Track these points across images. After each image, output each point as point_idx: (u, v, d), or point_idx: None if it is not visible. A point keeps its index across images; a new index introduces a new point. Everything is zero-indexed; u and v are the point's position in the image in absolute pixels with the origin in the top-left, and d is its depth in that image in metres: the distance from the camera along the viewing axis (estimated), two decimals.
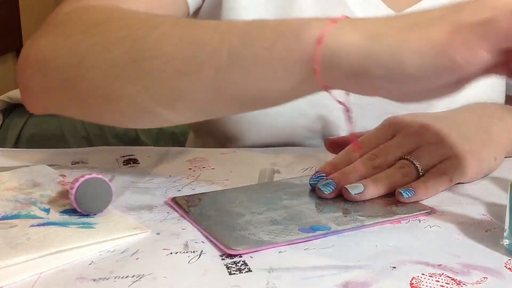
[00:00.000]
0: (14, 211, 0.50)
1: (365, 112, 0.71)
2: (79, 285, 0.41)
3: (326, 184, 0.55)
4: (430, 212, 0.52)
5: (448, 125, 0.60)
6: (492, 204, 0.54)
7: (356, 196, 0.54)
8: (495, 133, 0.62)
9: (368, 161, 0.57)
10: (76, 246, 0.45)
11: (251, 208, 0.52)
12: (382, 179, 0.55)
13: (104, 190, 0.50)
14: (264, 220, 0.50)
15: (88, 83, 0.52)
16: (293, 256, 0.45)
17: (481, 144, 0.60)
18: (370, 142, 0.59)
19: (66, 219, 0.49)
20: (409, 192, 0.54)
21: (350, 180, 0.55)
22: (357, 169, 0.56)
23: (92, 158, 0.66)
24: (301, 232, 0.48)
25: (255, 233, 0.47)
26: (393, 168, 0.56)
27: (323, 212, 0.52)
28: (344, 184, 0.55)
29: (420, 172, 0.56)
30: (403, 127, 0.59)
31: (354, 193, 0.54)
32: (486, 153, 0.60)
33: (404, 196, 0.54)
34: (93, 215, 0.50)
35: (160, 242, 0.47)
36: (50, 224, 0.48)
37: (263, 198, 0.54)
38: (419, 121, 0.59)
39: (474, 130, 0.61)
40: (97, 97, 0.52)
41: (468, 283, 0.41)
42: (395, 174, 0.56)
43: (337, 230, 0.48)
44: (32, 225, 0.48)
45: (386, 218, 0.51)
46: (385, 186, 0.55)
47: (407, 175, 0.56)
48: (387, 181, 0.55)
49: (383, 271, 0.43)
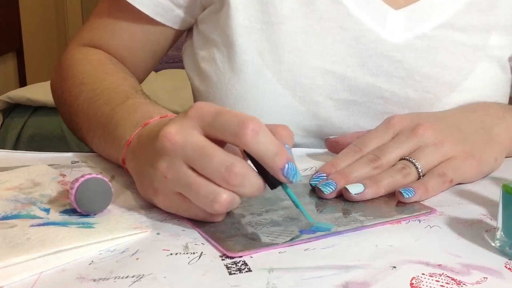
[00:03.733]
0: (14, 211, 0.50)
1: (363, 109, 0.72)
2: (79, 285, 0.41)
3: (326, 184, 0.55)
4: (430, 212, 0.52)
5: (449, 126, 0.60)
6: (492, 204, 0.54)
7: (356, 196, 0.54)
8: (496, 133, 0.62)
9: (369, 161, 0.57)
10: (76, 246, 0.45)
11: (251, 209, 0.52)
12: (382, 179, 0.55)
13: (104, 190, 0.50)
14: (264, 221, 0.50)
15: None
16: (293, 256, 0.45)
17: (482, 144, 0.60)
18: (370, 142, 0.59)
19: (66, 219, 0.49)
20: (410, 192, 0.54)
21: (350, 180, 0.55)
22: (358, 169, 0.56)
23: (92, 158, 0.65)
24: (301, 234, 0.47)
25: (255, 234, 0.47)
26: (393, 169, 0.56)
27: (323, 212, 0.52)
28: (344, 184, 0.55)
29: (421, 172, 0.56)
30: (404, 127, 0.59)
31: (354, 193, 0.54)
32: (486, 154, 0.60)
33: (404, 196, 0.53)
34: (93, 215, 0.50)
35: (160, 243, 0.47)
36: (50, 224, 0.48)
37: (263, 199, 0.54)
38: (419, 121, 0.59)
39: (475, 130, 0.61)
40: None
41: (468, 283, 0.41)
42: (396, 175, 0.56)
43: (338, 231, 0.48)
44: (32, 225, 0.48)
45: (386, 219, 0.51)
46: (386, 186, 0.55)
47: (407, 176, 0.56)
48: (387, 181, 0.55)
49: (383, 271, 0.43)
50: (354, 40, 0.70)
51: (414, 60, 0.71)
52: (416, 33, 0.71)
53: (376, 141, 0.59)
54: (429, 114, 0.63)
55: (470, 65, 0.72)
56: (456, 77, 0.72)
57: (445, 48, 0.71)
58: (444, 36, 0.71)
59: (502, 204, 0.46)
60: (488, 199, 0.56)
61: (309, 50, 0.70)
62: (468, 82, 0.72)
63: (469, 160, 0.58)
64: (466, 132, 0.60)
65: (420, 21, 0.71)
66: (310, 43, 0.70)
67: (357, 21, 0.70)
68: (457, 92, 0.71)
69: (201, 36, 0.76)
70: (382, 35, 0.70)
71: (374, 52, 0.70)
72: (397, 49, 0.70)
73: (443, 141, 0.58)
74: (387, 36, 0.70)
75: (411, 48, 0.70)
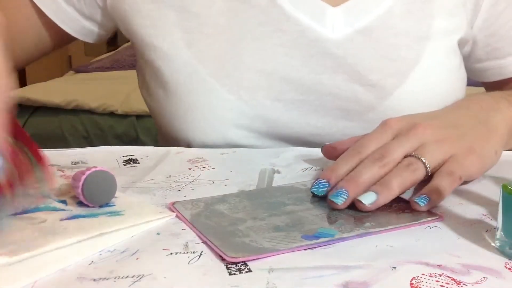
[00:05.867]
0: (32, 205, 0.51)
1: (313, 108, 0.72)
2: (79, 285, 0.41)
3: (338, 194, 0.52)
4: (437, 219, 0.51)
5: (447, 124, 0.60)
6: (492, 204, 0.54)
7: (370, 206, 0.52)
8: (493, 126, 0.62)
9: (374, 161, 0.55)
10: (116, 229, 0.47)
11: (253, 214, 0.51)
12: (392, 181, 0.53)
13: (110, 182, 0.52)
14: (266, 226, 0.49)
15: None
16: (293, 256, 0.45)
17: (482, 139, 0.60)
18: (370, 144, 0.58)
19: (90, 211, 0.50)
20: (424, 199, 0.52)
21: (360, 183, 0.53)
22: (365, 171, 0.54)
23: (92, 158, 0.66)
24: (304, 239, 0.46)
25: (257, 239, 0.46)
26: (400, 167, 0.55)
27: (327, 218, 0.51)
28: (355, 190, 0.53)
29: (428, 168, 0.55)
30: (401, 127, 0.59)
31: (368, 203, 0.52)
32: (487, 149, 0.59)
33: (420, 205, 0.52)
34: (98, 206, 0.51)
35: (160, 242, 0.47)
36: (79, 216, 0.49)
37: (266, 204, 0.53)
38: (416, 121, 0.59)
39: (473, 126, 0.61)
40: None
41: (468, 283, 0.41)
42: (404, 172, 0.54)
43: (341, 237, 0.47)
44: (62, 219, 0.48)
45: (392, 226, 0.49)
46: (397, 187, 0.53)
47: (416, 171, 0.54)
48: (397, 181, 0.53)
49: (383, 271, 0.43)
50: (294, 41, 0.70)
51: (357, 55, 0.71)
52: (356, 27, 0.71)
53: (376, 142, 0.58)
54: (423, 115, 0.62)
55: (415, 53, 0.72)
56: (401, 67, 0.72)
57: (386, 39, 0.71)
58: (384, 27, 0.71)
59: (502, 204, 0.46)
60: (488, 199, 0.56)
61: (250, 54, 0.71)
62: (416, 72, 0.72)
63: (471, 156, 0.57)
64: (464, 128, 0.60)
65: (360, 15, 0.71)
66: (250, 48, 0.71)
67: (295, 21, 0.70)
68: (408, 82, 0.72)
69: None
70: (322, 33, 0.70)
71: (316, 51, 0.71)
72: (338, 45, 0.71)
73: (444, 139, 0.57)
74: (327, 33, 0.71)
75: (352, 43, 0.71)
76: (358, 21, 0.71)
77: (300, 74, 0.71)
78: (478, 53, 0.79)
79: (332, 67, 0.71)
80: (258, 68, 0.71)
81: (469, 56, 0.79)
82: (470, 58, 0.80)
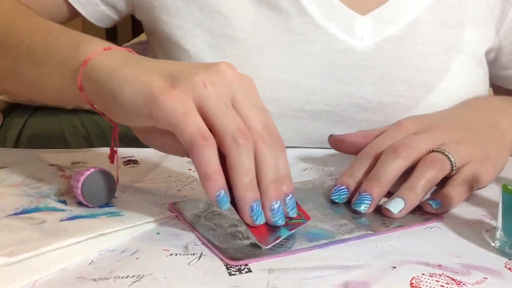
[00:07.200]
0: (31, 205, 0.51)
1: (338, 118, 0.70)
2: (79, 285, 0.41)
3: (361, 201, 0.52)
4: (438, 219, 0.51)
5: (462, 126, 0.59)
6: (492, 204, 0.54)
7: (399, 213, 0.51)
8: (504, 131, 0.61)
9: (397, 153, 0.53)
10: (115, 230, 0.47)
11: None
12: (418, 182, 0.52)
13: (109, 183, 0.51)
14: None
15: None
16: (293, 256, 0.45)
17: (495, 146, 0.59)
18: (384, 143, 0.56)
19: (90, 211, 0.50)
20: (437, 203, 0.52)
21: (383, 185, 0.52)
22: (386, 168, 0.52)
23: (92, 158, 0.65)
24: (304, 241, 0.46)
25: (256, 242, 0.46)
26: (425, 162, 0.53)
27: (327, 219, 0.51)
28: (379, 192, 0.52)
29: (454, 166, 0.54)
30: (418, 128, 0.57)
31: (397, 211, 0.51)
32: (500, 157, 0.59)
33: (434, 208, 0.52)
34: (97, 206, 0.51)
35: (160, 243, 0.47)
36: (78, 217, 0.49)
37: None
38: (431, 122, 0.58)
39: (486, 129, 0.60)
40: None
41: (468, 283, 0.41)
42: (430, 170, 0.52)
43: (342, 239, 0.47)
44: (61, 220, 0.48)
45: (393, 226, 0.49)
46: (423, 190, 0.52)
47: (442, 170, 0.53)
48: (422, 182, 0.52)
49: (383, 271, 0.43)
50: (321, 52, 0.69)
51: (384, 64, 0.69)
52: (385, 36, 0.70)
53: (390, 141, 0.56)
54: (436, 115, 0.61)
55: (443, 64, 0.71)
56: (429, 78, 0.70)
57: (414, 48, 0.70)
58: (413, 36, 0.70)
59: (502, 204, 0.46)
60: (488, 199, 0.56)
61: (275, 63, 0.69)
62: (444, 83, 0.70)
63: (486, 164, 0.56)
64: (479, 132, 0.59)
65: (388, 23, 0.70)
66: (277, 57, 0.69)
67: (324, 31, 0.69)
68: (434, 93, 0.70)
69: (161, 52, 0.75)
70: (350, 43, 0.69)
71: (343, 63, 0.69)
72: (366, 56, 0.69)
73: (463, 142, 0.56)
74: (355, 44, 0.69)
75: (380, 53, 0.69)
76: (386, 29, 0.70)
77: (326, 85, 0.69)
78: (502, 60, 0.77)
79: (359, 78, 0.69)
80: (282, 77, 0.69)
81: (494, 62, 0.78)
82: (495, 64, 0.78)
